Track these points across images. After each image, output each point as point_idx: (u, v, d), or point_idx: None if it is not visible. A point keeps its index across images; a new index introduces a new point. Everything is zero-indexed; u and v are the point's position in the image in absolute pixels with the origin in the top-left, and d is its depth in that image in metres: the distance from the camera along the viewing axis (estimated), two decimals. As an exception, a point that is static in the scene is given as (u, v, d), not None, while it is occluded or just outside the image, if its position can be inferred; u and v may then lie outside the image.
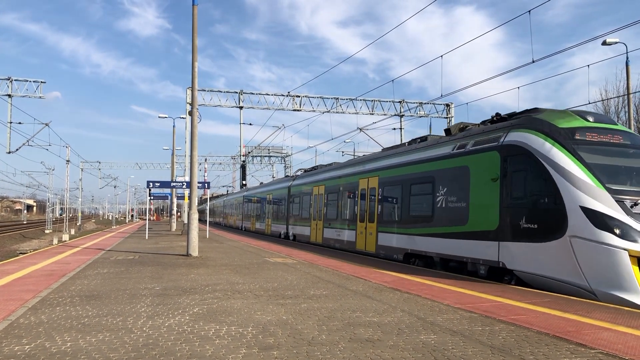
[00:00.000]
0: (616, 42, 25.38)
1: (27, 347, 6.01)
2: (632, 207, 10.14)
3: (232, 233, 40.89)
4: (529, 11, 16.38)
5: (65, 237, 38.14)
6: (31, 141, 43.21)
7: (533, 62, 17.35)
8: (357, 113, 43.31)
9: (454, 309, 8.67)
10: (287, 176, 43.62)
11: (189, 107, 35.88)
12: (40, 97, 39.66)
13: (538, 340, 6.57)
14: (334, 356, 5.75)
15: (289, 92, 42.13)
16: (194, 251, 18.23)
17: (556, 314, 8.35)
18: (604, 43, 25.27)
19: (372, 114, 43.47)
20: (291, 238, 30.76)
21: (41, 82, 39.45)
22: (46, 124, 43.66)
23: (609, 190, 10.33)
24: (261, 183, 51.92)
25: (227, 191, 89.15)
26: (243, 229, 49.04)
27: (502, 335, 6.79)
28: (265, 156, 71.41)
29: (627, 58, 25.77)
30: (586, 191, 10.37)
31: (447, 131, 16.14)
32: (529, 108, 13.61)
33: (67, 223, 56.56)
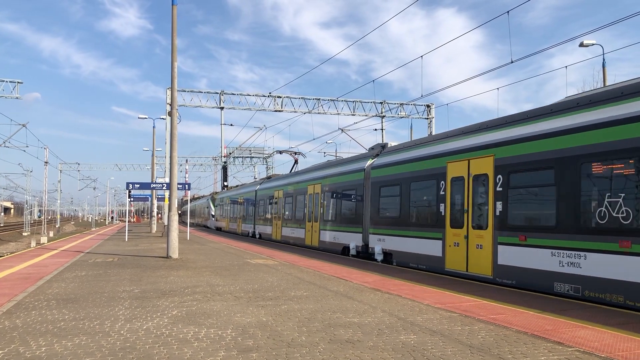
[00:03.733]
0: (593, 44, 25.78)
1: (0, 352, 5.88)
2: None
3: (213, 234, 40.65)
4: (508, 12, 16.54)
5: (44, 239, 37.59)
6: (8, 142, 42.53)
7: (512, 62, 17.53)
8: (338, 114, 43.42)
9: (434, 309, 8.70)
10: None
11: (169, 108, 35.62)
12: (17, 98, 39.05)
13: (517, 339, 6.62)
14: (313, 358, 5.73)
15: (270, 93, 42.08)
16: (174, 253, 18.07)
17: (535, 313, 8.43)
18: (582, 45, 25.65)
19: (354, 115, 43.62)
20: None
21: (18, 82, 38.85)
22: (23, 125, 43.02)
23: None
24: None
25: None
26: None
27: (481, 335, 6.83)
28: (247, 157, 71.05)
29: (604, 60, 26.17)
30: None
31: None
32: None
33: (45, 225, 55.79)
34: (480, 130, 13.30)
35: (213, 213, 57.29)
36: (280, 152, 36.74)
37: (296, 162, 33.49)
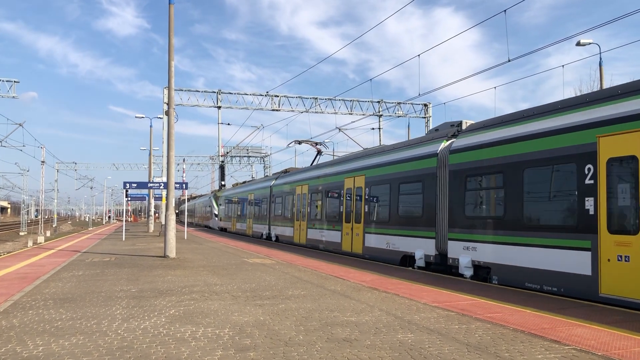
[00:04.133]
0: (590, 43, 25.81)
1: (-2, 352, 5.87)
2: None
3: (212, 235, 40.62)
4: (505, 11, 16.56)
5: (41, 239, 37.47)
6: (5, 142, 42.43)
7: (509, 61, 17.55)
8: (335, 113, 43.40)
9: (431, 308, 8.72)
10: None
11: (166, 107, 35.56)
12: (13, 97, 38.95)
13: (514, 337, 6.64)
14: (311, 357, 5.73)
15: (267, 92, 42.04)
16: (172, 252, 18.06)
17: (532, 311, 8.45)
18: (578, 44, 25.69)
19: (351, 114, 43.61)
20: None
21: (14, 81, 38.74)
22: (20, 124, 42.93)
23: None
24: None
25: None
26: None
27: (478, 333, 6.84)
28: (244, 156, 71.08)
29: (601, 59, 26.20)
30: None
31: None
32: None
33: (42, 225, 55.69)
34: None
35: (216, 212, 53.14)
36: (300, 142, 31.28)
37: (319, 153, 29.47)
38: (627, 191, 9.16)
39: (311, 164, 29.07)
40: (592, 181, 9.78)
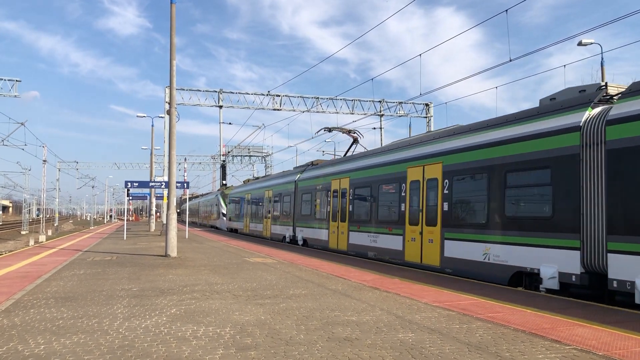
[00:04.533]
0: (591, 43, 25.80)
1: (-1, 350, 5.89)
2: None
3: (212, 233, 40.64)
4: (506, 10, 16.54)
5: (42, 238, 37.54)
6: (6, 141, 42.48)
7: (510, 60, 17.53)
8: (337, 112, 43.43)
9: (432, 307, 8.72)
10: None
11: (167, 107, 35.59)
12: (15, 96, 39.02)
13: (514, 337, 6.64)
14: (311, 356, 5.74)
15: (269, 92, 42.06)
16: (173, 252, 18.08)
17: (533, 311, 8.45)
18: (580, 44, 25.67)
19: (353, 114, 43.63)
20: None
21: (16, 80, 38.81)
22: (22, 124, 42.97)
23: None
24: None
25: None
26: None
27: (479, 333, 6.84)
28: (246, 156, 71.14)
29: (602, 59, 26.17)
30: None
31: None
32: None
33: (44, 224, 55.74)
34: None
35: (224, 212, 48.86)
36: (330, 130, 26.86)
37: (355, 141, 25.09)
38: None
39: (345, 155, 25.37)
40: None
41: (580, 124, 10.31)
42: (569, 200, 10.33)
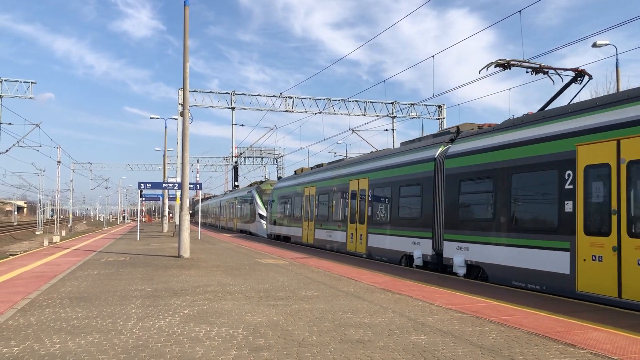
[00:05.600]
0: (606, 44, 25.57)
1: (15, 349, 5.96)
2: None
3: (225, 234, 40.76)
4: (520, 11, 16.45)
5: (56, 238, 37.92)
6: (22, 142, 42.94)
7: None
8: (349, 114, 43.42)
9: (444, 310, 8.69)
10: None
11: (180, 108, 35.78)
12: (30, 98, 39.42)
13: (528, 340, 6.60)
14: (324, 357, 5.75)
15: (281, 94, 42.16)
16: (186, 252, 18.18)
17: (546, 314, 8.39)
18: (594, 45, 25.46)
19: (365, 115, 43.58)
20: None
21: (32, 82, 39.21)
22: (37, 125, 43.40)
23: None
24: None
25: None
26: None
27: (492, 336, 6.81)
28: (258, 157, 71.28)
29: (617, 60, 25.94)
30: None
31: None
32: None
33: (57, 224, 56.25)
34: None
35: (262, 212, 38.64)
36: (507, 65, 13.75)
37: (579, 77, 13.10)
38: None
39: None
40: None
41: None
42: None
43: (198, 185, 33.45)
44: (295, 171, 31.66)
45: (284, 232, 30.86)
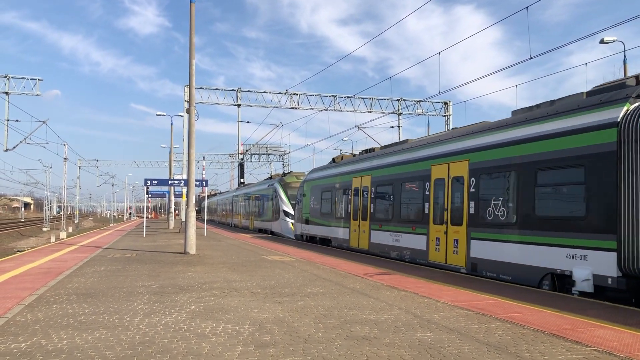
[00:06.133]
0: (614, 41, 25.40)
1: (24, 344, 6.00)
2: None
3: (230, 231, 40.84)
4: (527, 7, 16.36)
5: (63, 235, 38.12)
6: (29, 139, 43.10)
7: (530, 58, 17.32)
8: (355, 111, 43.35)
9: (450, 307, 8.68)
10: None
11: (186, 105, 35.84)
12: (37, 95, 39.57)
13: (534, 337, 6.59)
14: (330, 354, 5.76)
15: (286, 90, 42.13)
16: (192, 249, 18.23)
17: (553, 312, 8.37)
18: (602, 41, 25.30)
19: (370, 112, 43.50)
20: None
21: (38, 79, 39.34)
22: (44, 122, 43.53)
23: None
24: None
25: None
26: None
27: (498, 333, 6.80)
28: (264, 154, 71.40)
29: (625, 56, 25.72)
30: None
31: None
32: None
33: (64, 221, 56.47)
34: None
35: (287, 209, 33.75)
36: None
37: None
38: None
39: None
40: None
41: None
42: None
43: (204, 182, 33.51)
44: (333, 159, 26.28)
45: (322, 233, 25.09)
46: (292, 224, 31.51)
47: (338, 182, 23.35)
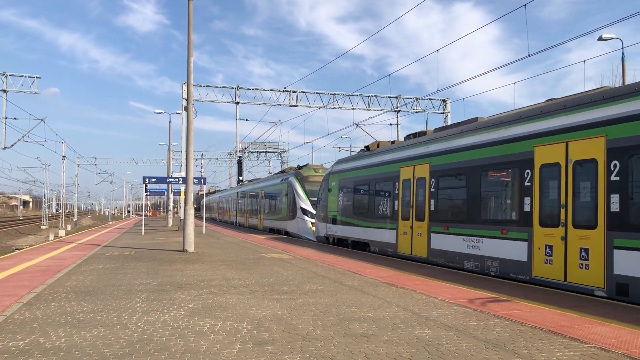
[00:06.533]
0: (612, 38, 25.43)
1: (22, 342, 6.00)
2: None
3: (229, 229, 40.83)
4: (525, 5, 16.35)
5: (62, 232, 38.05)
6: (27, 137, 43.06)
7: (529, 55, 17.33)
8: (353, 109, 43.37)
9: (449, 304, 8.69)
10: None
11: (185, 103, 35.81)
12: (35, 93, 39.53)
13: (532, 334, 6.60)
14: (328, 351, 5.76)
15: (285, 88, 42.12)
16: (190, 247, 18.23)
17: (551, 309, 8.38)
18: (600, 39, 25.31)
19: (369, 110, 43.52)
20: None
21: (36, 77, 39.29)
22: (42, 120, 43.50)
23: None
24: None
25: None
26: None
27: (496, 330, 6.81)
28: (262, 152, 71.39)
29: (623, 53, 25.76)
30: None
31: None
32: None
33: (63, 219, 56.46)
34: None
35: (306, 206, 29.59)
36: None
37: None
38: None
39: None
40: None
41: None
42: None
43: (202, 180, 33.49)
44: (366, 146, 21.74)
45: (355, 235, 20.72)
46: (312, 223, 27.84)
47: (378, 173, 19.03)
